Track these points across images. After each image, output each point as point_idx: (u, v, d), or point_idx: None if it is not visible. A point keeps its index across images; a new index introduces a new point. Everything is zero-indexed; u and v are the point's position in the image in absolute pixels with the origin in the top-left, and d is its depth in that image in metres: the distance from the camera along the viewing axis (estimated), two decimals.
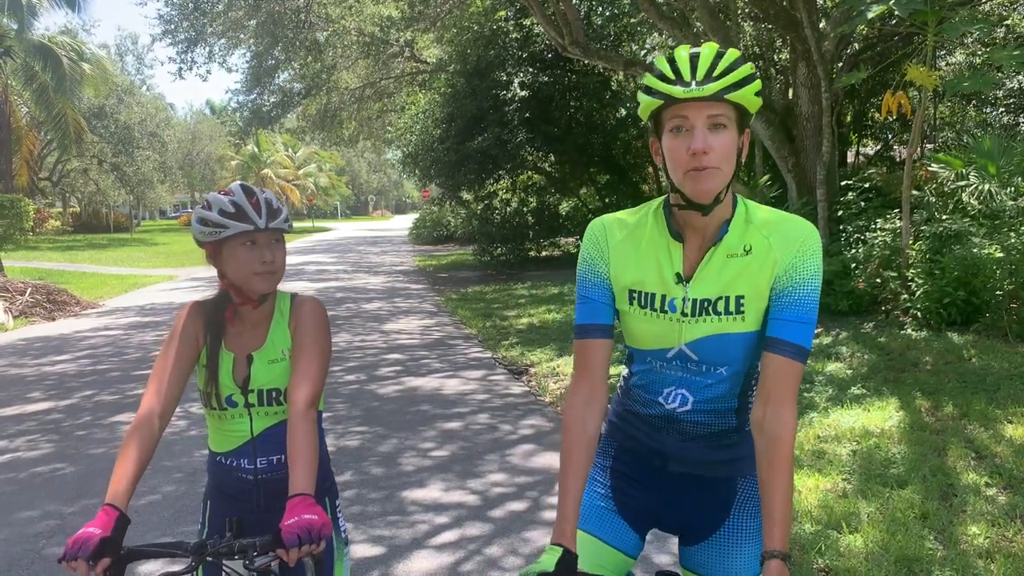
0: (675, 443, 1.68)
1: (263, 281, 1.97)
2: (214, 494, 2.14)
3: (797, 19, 9.81)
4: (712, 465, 1.69)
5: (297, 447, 1.85)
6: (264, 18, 19.21)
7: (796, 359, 1.56)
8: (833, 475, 4.46)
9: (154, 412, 1.89)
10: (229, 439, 2.08)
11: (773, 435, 1.53)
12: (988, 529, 3.66)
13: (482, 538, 4.00)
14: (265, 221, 1.94)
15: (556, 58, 17.40)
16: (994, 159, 9.53)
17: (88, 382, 8.00)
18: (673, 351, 1.63)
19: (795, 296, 1.56)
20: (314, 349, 2.03)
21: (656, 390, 1.68)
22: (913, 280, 8.15)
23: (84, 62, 26.59)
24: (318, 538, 1.65)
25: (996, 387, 5.82)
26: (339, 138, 28.50)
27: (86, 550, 1.60)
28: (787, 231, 1.58)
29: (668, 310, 1.61)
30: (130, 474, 1.78)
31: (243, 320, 2.07)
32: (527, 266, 19.24)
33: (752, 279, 1.57)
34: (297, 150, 59.01)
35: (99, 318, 13.13)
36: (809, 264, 1.56)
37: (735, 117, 1.51)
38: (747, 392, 1.67)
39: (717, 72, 1.49)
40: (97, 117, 37.33)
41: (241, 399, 2.04)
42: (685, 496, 1.72)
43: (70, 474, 5.18)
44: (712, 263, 1.58)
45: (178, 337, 2.01)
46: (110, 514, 1.69)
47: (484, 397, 7.03)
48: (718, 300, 1.58)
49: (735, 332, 1.58)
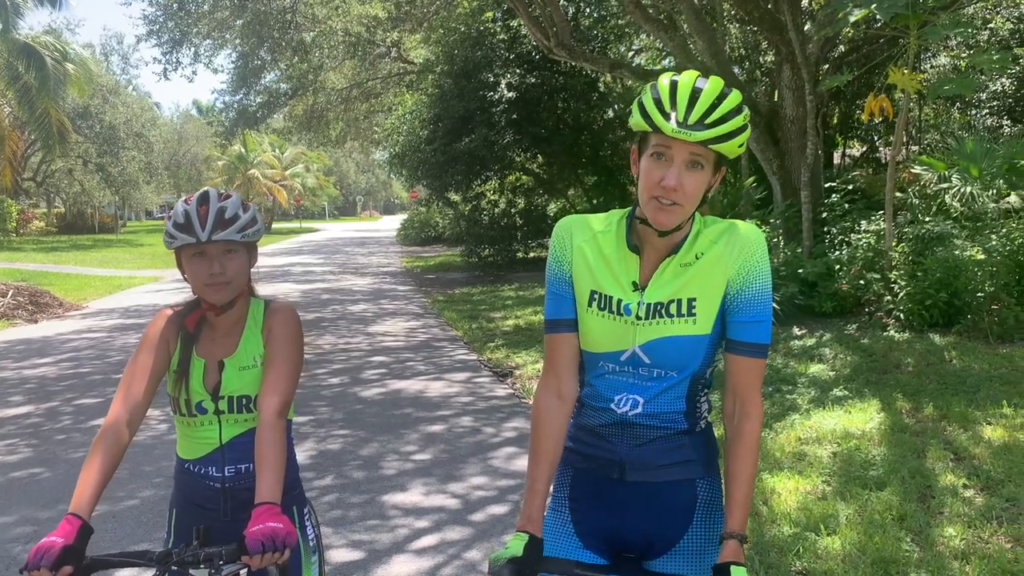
0: (629, 449, 1.70)
1: (212, 292, 1.96)
2: (180, 502, 2.13)
3: (782, 22, 9.85)
4: (667, 468, 1.70)
5: (264, 456, 1.85)
6: (250, 18, 19.13)
7: (757, 356, 1.65)
8: (813, 477, 4.48)
9: (122, 419, 1.88)
10: (198, 446, 2.07)
11: (740, 426, 1.65)
12: (964, 530, 3.68)
13: (462, 542, 3.99)
14: (208, 233, 1.91)
15: (543, 59, 17.40)
16: (976, 162, 9.60)
17: (69, 385, 7.93)
18: (627, 353, 1.67)
19: (748, 297, 1.63)
20: (286, 358, 2.01)
21: (608, 396, 1.71)
22: (896, 282, 8.20)
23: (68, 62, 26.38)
24: (282, 546, 1.65)
25: (976, 388, 5.87)
26: (326, 139, 28.43)
27: (48, 559, 1.59)
28: (734, 236, 1.64)
29: (624, 313, 1.66)
30: (94, 483, 1.77)
31: (215, 326, 2.06)
32: (515, 267, 19.24)
33: (703, 282, 1.63)
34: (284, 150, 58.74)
35: (82, 320, 13.04)
36: (758, 265, 1.62)
37: (713, 159, 1.57)
38: (695, 396, 1.70)
39: (711, 119, 1.53)
40: (82, 117, 37.06)
41: (211, 406, 2.03)
42: (645, 508, 1.72)
43: (48, 479, 5.13)
44: (667, 272, 1.65)
45: (149, 343, 2.00)
46: (73, 523, 1.68)
47: (468, 400, 7.02)
48: (670, 303, 1.64)
49: (686, 335, 1.64)
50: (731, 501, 1.61)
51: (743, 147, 1.58)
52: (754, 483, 1.67)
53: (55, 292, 15.33)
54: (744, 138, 1.57)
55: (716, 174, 1.59)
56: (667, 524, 1.72)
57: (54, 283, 17.23)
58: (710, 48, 10.67)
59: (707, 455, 1.74)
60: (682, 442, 1.70)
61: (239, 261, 1.99)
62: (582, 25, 17.83)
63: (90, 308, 14.74)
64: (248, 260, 2.03)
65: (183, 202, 1.96)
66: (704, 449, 1.74)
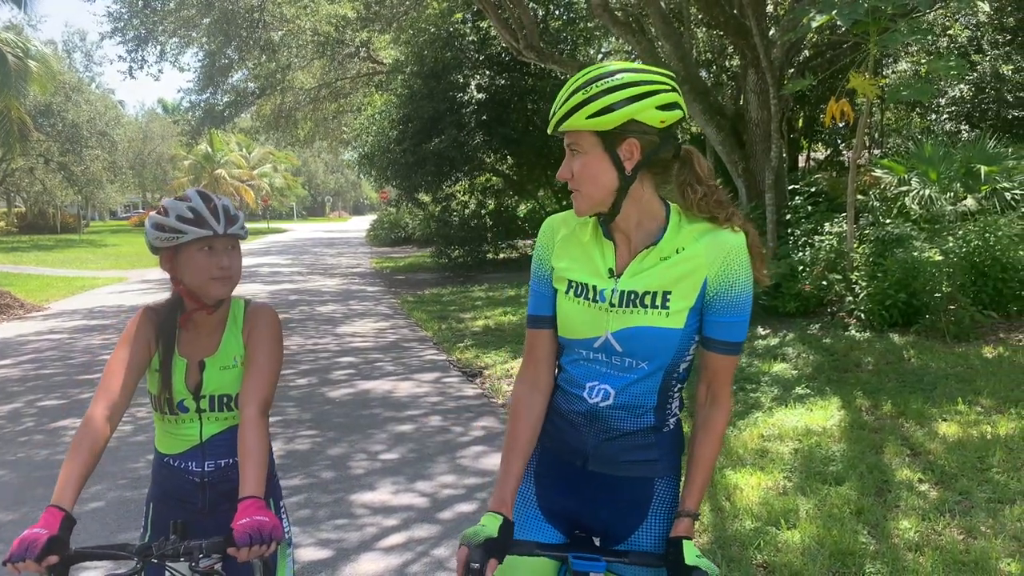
0: (595, 441, 1.75)
1: (219, 286, 1.99)
2: (158, 496, 2.14)
3: (747, 27, 10.01)
4: (629, 465, 1.75)
5: (248, 451, 1.88)
6: (217, 16, 18.93)
7: (732, 354, 1.71)
8: (775, 473, 4.57)
9: (102, 415, 1.89)
10: (177, 442, 2.09)
11: (709, 414, 1.74)
12: (919, 523, 3.79)
13: (430, 540, 4.02)
14: (224, 227, 1.97)
15: (513, 61, 17.46)
16: (935, 165, 9.85)
17: (31, 387, 7.81)
18: (600, 340, 1.70)
19: (728, 298, 1.66)
20: (267, 357, 2.06)
21: (580, 383, 1.75)
22: (857, 283, 8.38)
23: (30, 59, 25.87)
24: (268, 539, 1.68)
25: (933, 386, 6.03)
26: (294, 138, 28.22)
27: (33, 550, 1.60)
28: (716, 238, 1.66)
29: (598, 300, 1.70)
30: (76, 476, 1.78)
31: (197, 326, 2.08)
32: (485, 268, 19.26)
33: (680, 278, 1.66)
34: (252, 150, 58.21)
35: (44, 321, 12.82)
36: (737, 266, 1.65)
37: (592, 140, 1.62)
38: (667, 391, 1.73)
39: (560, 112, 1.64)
40: (44, 115, 36.32)
41: (193, 404, 2.06)
42: (603, 497, 1.77)
43: (10, 481, 5.06)
44: (645, 262, 1.68)
45: (130, 342, 2.01)
46: (55, 515, 1.69)
47: (437, 399, 7.04)
48: (645, 294, 1.67)
49: (659, 326, 1.66)
50: (690, 482, 1.69)
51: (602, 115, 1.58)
52: (713, 470, 1.74)
53: (15, 293, 15.05)
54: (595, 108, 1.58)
55: (619, 147, 1.60)
56: (622, 516, 1.77)
57: (14, 284, 16.91)
58: (677, 52, 10.81)
59: (671, 457, 1.78)
60: (649, 441, 1.74)
61: (239, 257, 2.05)
62: (551, 28, 17.93)
63: (52, 309, 14.49)
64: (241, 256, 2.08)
65: (178, 200, 1.99)
66: (669, 450, 1.78)
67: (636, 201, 1.66)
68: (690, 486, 1.69)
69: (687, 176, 1.68)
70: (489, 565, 1.56)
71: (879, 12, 7.50)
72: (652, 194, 1.68)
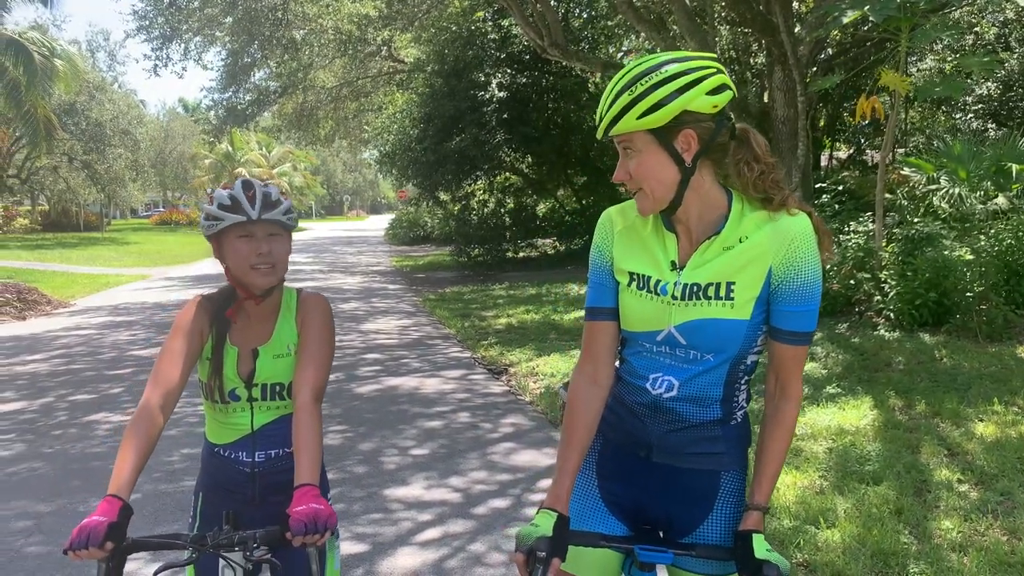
0: (660, 432, 1.72)
1: (260, 275, 1.99)
2: (208, 485, 2.14)
3: (774, 23, 9.94)
4: (695, 457, 1.72)
5: (303, 439, 1.88)
6: (241, 15, 19.05)
7: (800, 344, 1.67)
8: (810, 472, 4.54)
9: (155, 404, 1.90)
10: (228, 431, 2.09)
11: (779, 406, 1.70)
12: (961, 523, 3.75)
13: (465, 535, 4.02)
14: (258, 212, 1.96)
15: (534, 59, 17.46)
16: (964, 164, 9.74)
17: (62, 381, 7.89)
18: (663, 333, 1.68)
19: (795, 286, 1.62)
20: (320, 344, 2.05)
21: (643, 375, 1.72)
22: (886, 282, 8.30)
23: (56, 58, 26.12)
24: (324, 528, 1.68)
25: (967, 386, 5.95)
26: (315, 137, 28.33)
27: (96, 538, 1.60)
28: (780, 225, 1.62)
29: (660, 293, 1.67)
30: (131, 465, 1.78)
31: (249, 315, 2.08)
32: (504, 267, 19.26)
33: (744, 268, 1.62)
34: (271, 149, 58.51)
35: (71, 317, 12.95)
36: (804, 254, 1.61)
37: (645, 139, 1.60)
38: (734, 383, 1.70)
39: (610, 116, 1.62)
40: (68, 114, 36.68)
41: (244, 393, 2.06)
42: (668, 489, 1.75)
43: (46, 473, 5.12)
44: (707, 253, 1.65)
45: (182, 330, 2.01)
46: (113, 503, 1.69)
47: (464, 396, 7.05)
48: (708, 286, 1.64)
49: (723, 318, 1.63)
50: (760, 475, 1.67)
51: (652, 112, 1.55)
52: (783, 463, 1.72)
53: (42, 289, 15.22)
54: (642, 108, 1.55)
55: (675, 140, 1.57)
56: (688, 508, 1.75)
57: (41, 280, 17.10)
58: (701, 49, 10.75)
59: (738, 450, 1.75)
60: (715, 434, 1.71)
61: (284, 245, 2.03)
62: (572, 26, 17.90)
63: (78, 305, 14.65)
64: (290, 246, 2.06)
65: (221, 188, 2.00)
66: (736, 443, 1.74)
67: (697, 191, 1.63)
68: (760, 479, 1.66)
69: (744, 154, 1.64)
70: (552, 565, 1.53)
71: (912, 7, 7.42)
72: (712, 182, 1.65)
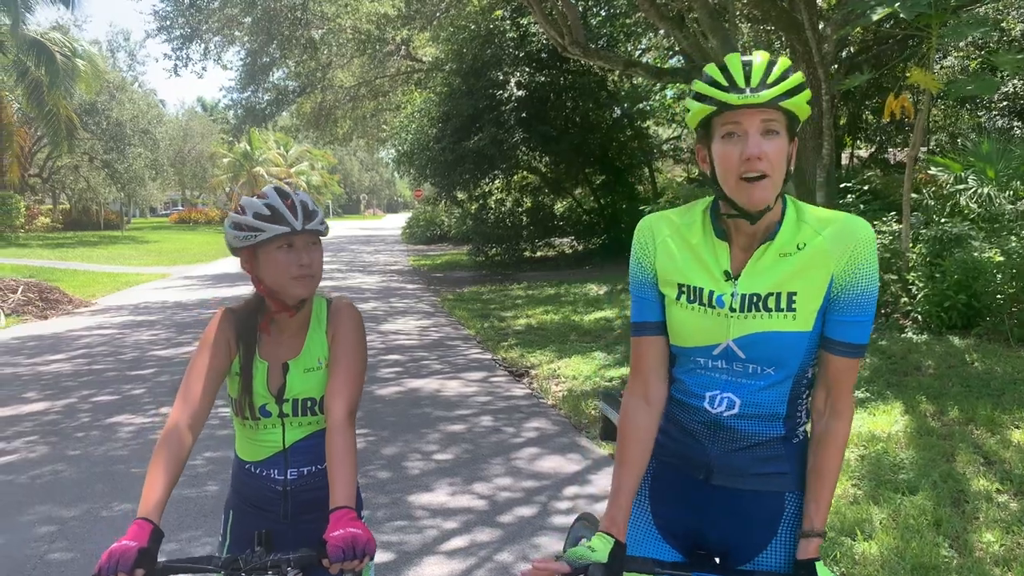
0: (720, 453, 1.64)
1: (301, 286, 1.91)
2: (238, 504, 2.08)
3: (798, 21, 9.80)
4: (758, 478, 1.64)
5: (338, 458, 1.81)
6: (260, 15, 19.10)
7: (854, 356, 1.59)
8: (843, 481, 4.43)
9: (183, 423, 1.84)
10: (259, 448, 2.02)
11: (830, 424, 1.61)
12: (1003, 536, 3.64)
13: (492, 544, 3.96)
14: (302, 223, 1.88)
15: (552, 58, 17.37)
16: (992, 163, 9.55)
17: (85, 382, 7.91)
18: (720, 348, 1.60)
19: (853, 295, 1.55)
20: (352, 357, 1.98)
21: (700, 394, 1.64)
22: (914, 283, 8.16)
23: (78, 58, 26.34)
24: (363, 554, 1.61)
25: (1000, 391, 5.82)
26: (333, 136, 28.40)
27: (125, 563, 1.55)
28: (841, 228, 1.55)
29: (716, 305, 1.58)
30: (162, 486, 1.73)
31: (279, 328, 2.01)
32: (522, 266, 19.20)
33: (805, 276, 1.55)
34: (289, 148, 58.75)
35: (92, 316, 13.02)
36: (865, 261, 1.54)
37: (786, 124, 1.50)
38: (797, 399, 1.62)
39: (771, 79, 1.48)
40: (88, 114, 37.01)
41: (275, 409, 1.99)
42: (728, 513, 1.67)
43: (70, 476, 5.11)
44: (763, 261, 1.57)
45: (209, 346, 1.94)
46: (144, 527, 1.64)
47: (486, 399, 6.99)
48: (768, 296, 1.55)
49: (785, 331, 1.55)
50: (816, 499, 1.58)
51: (810, 105, 1.51)
52: (837, 481, 1.63)
53: (64, 288, 15.32)
54: (808, 95, 1.50)
55: (791, 143, 1.52)
56: (749, 533, 1.66)
57: (62, 280, 17.22)
58: (724, 47, 10.61)
59: (802, 469, 1.65)
60: (778, 452, 1.63)
61: (320, 254, 1.96)
62: (591, 24, 17.79)
63: (99, 305, 14.72)
64: (323, 253, 1.99)
65: (256, 197, 1.92)
66: (800, 463, 1.65)
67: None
68: (816, 503, 1.58)
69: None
70: None
71: (942, 3, 7.28)
72: None
